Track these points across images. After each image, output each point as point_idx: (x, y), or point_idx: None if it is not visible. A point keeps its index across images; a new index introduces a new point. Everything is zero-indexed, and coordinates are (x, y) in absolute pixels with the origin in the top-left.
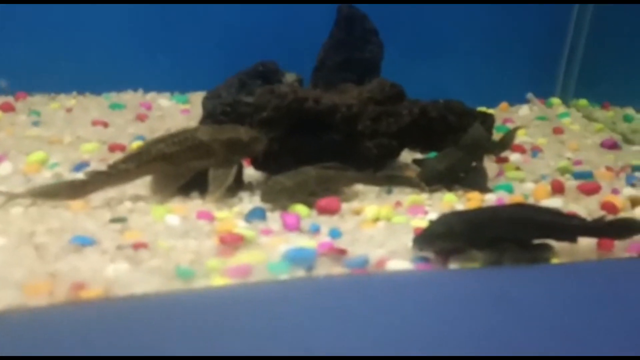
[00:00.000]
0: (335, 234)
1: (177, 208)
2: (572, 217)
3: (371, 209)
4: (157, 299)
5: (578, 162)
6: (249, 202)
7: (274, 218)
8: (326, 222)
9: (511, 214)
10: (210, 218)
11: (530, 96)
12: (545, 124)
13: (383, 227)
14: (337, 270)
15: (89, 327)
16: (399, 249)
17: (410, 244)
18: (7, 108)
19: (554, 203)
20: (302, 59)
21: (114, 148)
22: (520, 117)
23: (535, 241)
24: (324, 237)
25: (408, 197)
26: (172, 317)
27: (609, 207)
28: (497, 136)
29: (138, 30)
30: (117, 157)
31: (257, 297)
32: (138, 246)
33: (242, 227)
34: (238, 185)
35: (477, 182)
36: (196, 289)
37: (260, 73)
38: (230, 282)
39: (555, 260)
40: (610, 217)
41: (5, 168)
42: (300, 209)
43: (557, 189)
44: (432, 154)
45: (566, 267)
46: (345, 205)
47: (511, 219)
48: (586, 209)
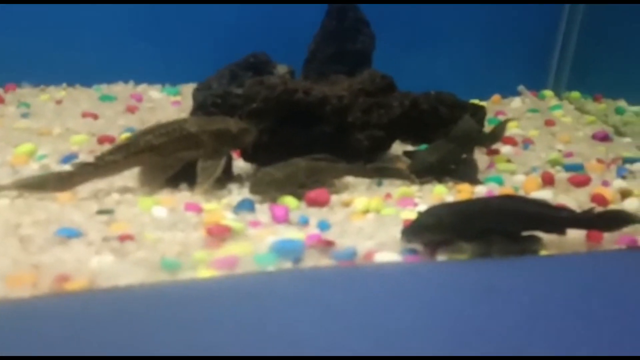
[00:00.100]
0: (324, 225)
1: (165, 200)
2: (561, 209)
3: (361, 200)
4: (141, 290)
5: (569, 154)
6: (238, 193)
7: (263, 210)
8: (315, 214)
9: (500, 205)
10: (198, 210)
11: (521, 88)
12: (537, 116)
13: (372, 219)
14: (325, 262)
15: (73, 318)
16: (387, 241)
17: (399, 235)
18: None
19: (544, 195)
20: (293, 51)
21: (104, 140)
22: (512, 110)
23: (524, 233)
24: (313, 229)
25: (398, 189)
26: (155, 309)
27: (598, 199)
28: (489, 128)
29: (129, 21)
30: (106, 149)
31: (242, 289)
32: (124, 238)
33: (230, 219)
34: (227, 177)
35: (468, 174)
36: (181, 280)
37: (251, 64)
38: (216, 274)
39: (543, 252)
40: (599, 209)
41: None
42: (290, 200)
43: (548, 181)
44: (423, 146)
45: (555, 259)
46: (334, 197)
47: (500, 211)
48: (576, 201)
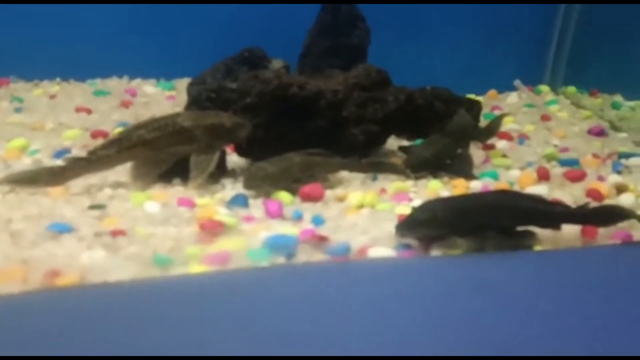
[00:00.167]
0: (318, 221)
1: (158, 195)
2: (556, 204)
3: (355, 195)
4: (132, 286)
5: (565, 150)
6: (232, 188)
7: (257, 205)
8: (309, 209)
9: (495, 201)
10: (191, 205)
11: (517, 83)
12: (533, 111)
13: (367, 214)
14: (318, 257)
15: (62, 314)
16: (381, 236)
17: (393, 231)
18: None
19: (539, 190)
20: (289, 46)
21: (97, 135)
22: (508, 105)
23: (519, 228)
24: (307, 224)
25: (393, 184)
26: (147, 305)
27: (594, 194)
28: (484, 123)
29: (124, 16)
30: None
31: (234, 285)
32: (116, 233)
33: (223, 214)
34: (221, 171)
35: (463, 169)
36: (172, 276)
37: (246, 59)
38: (208, 270)
39: (538, 248)
40: (594, 204)
41: None
42: (284, 195)
43: (543, 176)
44: (419, 141)
45: (549, 254)
46: (329, 192)
47: (495, 206)
48: (571, 196)
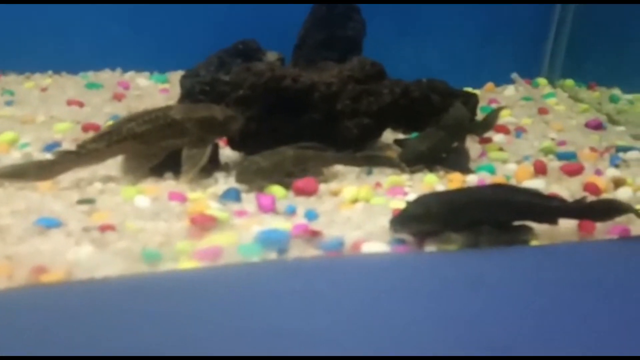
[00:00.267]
0: (311, 215)
1: (149, 189)
2: (553, 199)
3: (350, 190)
4: (120, 282)
5: (562, 143)
6: (224, 183)
7: (249, 199)
8: (303, 204)
9: (490, 195)
10: (183, 199)
11: (514, 76)
12: (531, 104)
13: (361, 208)
14: (311, 252)
15: (48, 311)
16: (376, 231)
17: (388, 225)
18: None
19: (536, 184)
20: (283, 38)
21: (88, 128)
22: (505, 98)
23: (515, 223)
24: (300, 219)
25: (388, 178)
26: (134, 302)
27: (591, 188)
28: (481, 116)
29: (117, 8)
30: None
31: (225, 281)
32: (105, 228)
33: (215, 209)
34: (213, 165)
35: (459, 162)
36: (161, 272)
37: (240, 51)
38: (199, 265)
39: (534, 243)
40: (592, 198)
41: None
42: (277, 190)
43: (540, 170)
44: (414, 135)
45: (546, 249)
46: (323, 186)
47: (490, 201)
48: (568, 190)
